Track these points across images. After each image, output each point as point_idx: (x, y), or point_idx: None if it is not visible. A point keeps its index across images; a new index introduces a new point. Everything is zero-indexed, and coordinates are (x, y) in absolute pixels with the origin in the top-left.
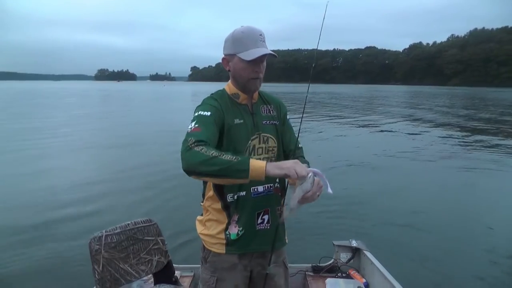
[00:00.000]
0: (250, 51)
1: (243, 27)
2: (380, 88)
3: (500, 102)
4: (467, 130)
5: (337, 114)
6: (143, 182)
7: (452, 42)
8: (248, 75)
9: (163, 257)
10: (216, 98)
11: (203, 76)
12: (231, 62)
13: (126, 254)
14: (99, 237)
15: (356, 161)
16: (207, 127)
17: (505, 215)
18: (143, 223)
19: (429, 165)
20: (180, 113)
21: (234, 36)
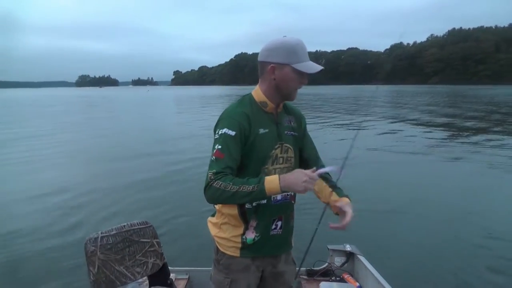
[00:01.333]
0: (306, 64)
1: (293, 38)
2: (366, 89)
3: (480, 99)
4: (454, 127)
5: (326, 115)
6: (139, 184)
7: (431, 41)
8: (295, 85)
9: (158, 259)
10: (244, 106)
11: (186, 80)
12: (278, 70)
13: (121, 256)
14: (95, 239)
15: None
16: (230, 153)
17: (499, 215)
18: (139, 225)
19: (421, 165)
20: (171, 118)
21: (288, 46)
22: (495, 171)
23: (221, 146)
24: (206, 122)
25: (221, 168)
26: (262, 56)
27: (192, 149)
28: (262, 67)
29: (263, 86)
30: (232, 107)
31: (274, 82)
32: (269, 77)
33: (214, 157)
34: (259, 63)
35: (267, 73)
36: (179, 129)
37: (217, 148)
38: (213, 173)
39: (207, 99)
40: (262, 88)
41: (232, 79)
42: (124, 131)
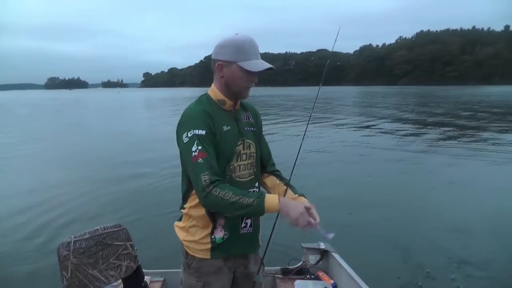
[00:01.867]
0: (253, 62)
1: (242, 36)
2: (337, 90)
3: (448, 99)
4: (418, 124)
5: (295, 115)
6: (110, 187)
7: (400, 43)
8: (244, 84)
9: (132, 262)
10: (203, 105)
11: (155, 82)
12: (226, 68)
13: (95, 260)
14: (68, 243)
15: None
16: (210, 150)
17: (463, 207)
18: (112, 228)
19: (390, 159)
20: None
21: (236, 44)
22: (459, 166)
23: (200, 146)
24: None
25: (214, 171)
26: (213, 53)
27: (164, 151)
28: (212, 64)
29: (217, 84)
30: (192, 107)
31: (223, 80)
32: (218, 75)
33: (201, 159)
34: (211, 60)
35: (216, 71)
36: (151, 132)
37: (198, 149)
38: (208, 177)
39: (178, 101)
40: (216, 86)
41: (202, 80)
42: (95, 135)
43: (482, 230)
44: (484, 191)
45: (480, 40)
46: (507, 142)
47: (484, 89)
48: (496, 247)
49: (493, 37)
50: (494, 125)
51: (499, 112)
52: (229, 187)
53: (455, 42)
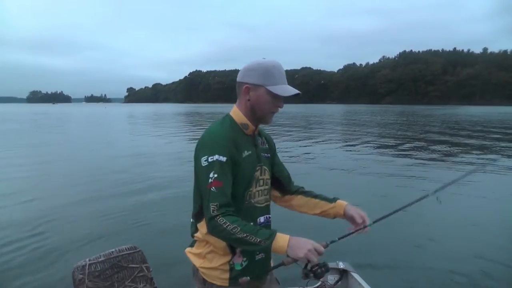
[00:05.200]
0: (281, 87)
1: (270, 60)
2: (321, 107)
3: (437, 118)
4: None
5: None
6: (123, 210)
7: (384, 63)
8: (270, 108)
9: (148, 284)
10: (227, 128)
11: (139, 98)
12: (253, 91)
13: (110, 283)
14: (83, 266)
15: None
16: (227, 180)
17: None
18: (127, 250)
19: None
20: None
21: (265, 68)
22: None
23: (217, 174)
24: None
25: (224, 201)
26: (239, 76)
27: (175, 170)
28: (238, 87)
29: (241, 107)
30: (216, 129)
31: (249, 103)
32: (244, 98)
33: (214, 188)
34: (236, 83)
35: (242, 94)
36: (150, 149)
37: (214, 177)
38: (217, 207)
39: (167, 116)
40: (241, 109)
41: (186, 96)
42: (94, 153)
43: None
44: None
45: (461, 61)
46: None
47: (467, 109)
48: None
49: (473, 58)
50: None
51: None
52: (239, 221)
53: (437, 62)
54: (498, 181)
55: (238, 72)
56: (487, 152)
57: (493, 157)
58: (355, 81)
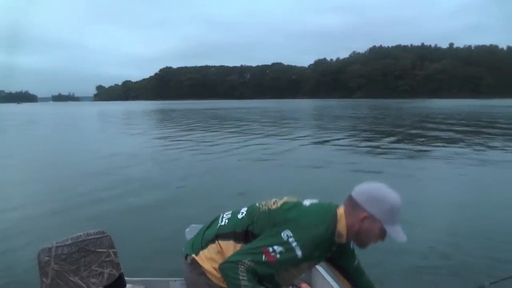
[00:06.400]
0: (396, 229)
1: (396, 198)
2: (293, 103)
3: (408, 111)
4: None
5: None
6: (95, 193)
7: (354, 58)
8: (374, 241)
9: (114, 269)
10: (327, 231)
11: (109, 96)
12: (369, 222)
13: (77, 267)
14: (49, 249)
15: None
16: (279, 266)
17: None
18: (95, 234)
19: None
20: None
21: (391, 206)
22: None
23: (280, 256)
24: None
25: (258, 272)
26: (361, 198)
27: (147, 165)
28: (354, 206)
29: (349, 223)
30: (319, 230)
31: (357, 228)
32: (357, 222)
33: (265, 257)
34: (352, 199)
35: (357, 218)
36: (127, 144)
37: (276, 254)
38: (249, 267)
39: (139, 115)
40: (347, 221)
41: (157, 94)
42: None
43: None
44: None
45: (429, 56)
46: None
47: (436, 102)
48: None
49: (440, 53)
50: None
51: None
52: (255, 285)
53: (406, 57)
54: (465, 169)
55: (208, 68)
56: (458, 143)
57: (464, 146)
58: (326, 76)
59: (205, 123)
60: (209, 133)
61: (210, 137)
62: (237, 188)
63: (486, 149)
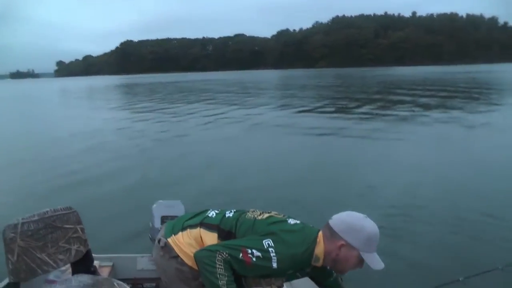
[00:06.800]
0: (373, 256)
1: (374, 227)
2: (256, 74)
3: (371, 79)
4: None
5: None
6: (60, 170)
7: (317, 28)
8: (351, 268)
9: (82, 246)
10: (307, 255)
11: (70, 72)
12: (346, 250)
13: (43, 243)
14: (15, 225)
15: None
16: (254, 271)
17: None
18: (62, 210)
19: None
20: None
21: (368, 235)
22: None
23: (256, 261)
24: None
25: (233, 267)
26: (339, 227)
27: (115, 140)
28: (332, 235)
29: (327, 247)
30: (299, 253)
31: (334, 256)
32: (335, 249)
33: (242, 256)
34: (330, 227)
35: (334, 246)
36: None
37: (253, 257)
38: (226, 258)
39: (103, 90)
40: (325, 247)
41: (119, 68)
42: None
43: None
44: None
45: (392, 25)
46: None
47: (399, 70)
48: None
49: (403, 22)
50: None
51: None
52: (231, 279)
53: (369, 26)
54: (429, 132)
55: (170, 41)
56: (423, 108)
57: (425, 110)
58: (289, 46)
59: (170, 96)
60: (176, 107)
61: (176, 110)
62: (205, 160)
63: (452, 112)
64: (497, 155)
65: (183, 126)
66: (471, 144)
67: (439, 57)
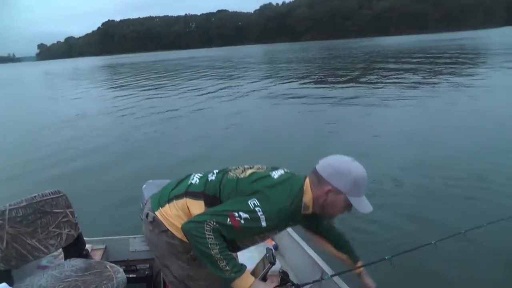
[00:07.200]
0: (361, 200)
1: (361, 170)
2: (240, 49)
3: (358, 50)
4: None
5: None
6: (47, 153)
7: (300, 1)
8: (340, 212)
9: (73, 230)
10: (294, 206)
11: (52, 54)
12: (333, 195)
13: (33, 229)
14: (2, 212)
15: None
16: (244, 234)
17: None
18: (51, 194)
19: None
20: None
21: (355, 179)
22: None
23: (244, 223)
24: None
25: (223, 233)
26: (324, 170)
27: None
28: (319, 180)
29: (314, 193)
30: (286, 206)
31: (322, 201)
32: (322, 195)
33: (230, 221)
34: (317, 172)
35: (322, 191)
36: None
37: (241, 220)
38: (214, 226)
39: (89, 71)
40: (313, 194)
41: (102, 48)
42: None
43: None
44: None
45: None
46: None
47: (384, 40)
48: None
49: None
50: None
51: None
52: (223, 244)
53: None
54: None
55: (152, 19)
56: (409, 77)
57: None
58: (273, 21)
59: (156, 76)
60: (163, 86)
61: (163, 89)
62: (194, 140)
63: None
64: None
65: (172, 105)
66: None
67: (424, 26)
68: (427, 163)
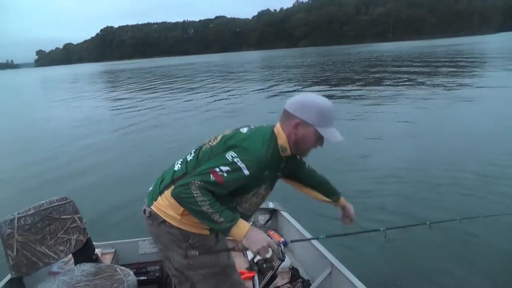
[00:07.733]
0: (330, 130)
1: (326, 102)
2: (239, 55)
3: (354, 56)
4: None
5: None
6: (53, 161)
7: (298, 7)
8: (312, 146)
9: (81, 235)
10: (271, 150)
11: (51, 60)
12: (302, 128)
13: (42, 236)
14: (11, 220)
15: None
16: (229, 186)
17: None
18: (58, 201)
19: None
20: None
21: (320, 109)
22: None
23: (227, 175)
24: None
25: (209, 189)
26: (292, 107)
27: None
28: (287, 117)
29: (286, 132)
30: (260, 150)
31: (294, 137)
32: (292, 130)
33: (213, 177)
34: (285, 111)
35: (290, 126)
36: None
37: (223, 174)
38: (200, 183)
39: (88, 78)
40: (285, 133)
41: (101, 55)
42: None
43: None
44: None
45: (373, 0)
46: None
47: (382, 46)
48: None
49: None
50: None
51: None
52: (211, 198)
53: (350, 3)
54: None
55: (150, 26)
56: (406, 84)
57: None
58: (271, 26)
59: (155, 82)
60: (163, 93)
61: (164, 96)
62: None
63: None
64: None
65: (176, 111)
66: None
67: (421, 31)
68: (427, 163)
